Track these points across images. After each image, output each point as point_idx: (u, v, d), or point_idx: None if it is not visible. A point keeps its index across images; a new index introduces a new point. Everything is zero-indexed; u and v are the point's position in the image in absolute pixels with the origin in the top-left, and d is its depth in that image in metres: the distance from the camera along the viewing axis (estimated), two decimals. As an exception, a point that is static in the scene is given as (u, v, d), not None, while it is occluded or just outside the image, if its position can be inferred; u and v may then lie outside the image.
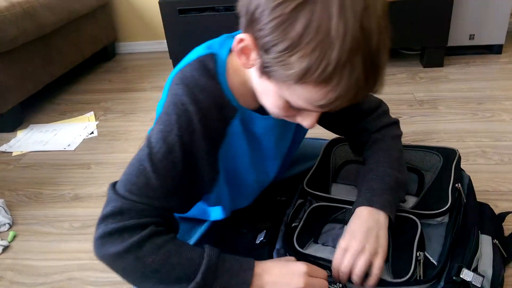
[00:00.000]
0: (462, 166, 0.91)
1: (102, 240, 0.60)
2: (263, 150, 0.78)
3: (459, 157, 0.88)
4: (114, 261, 0.60)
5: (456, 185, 0.81)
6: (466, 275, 0.65)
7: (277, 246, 0.77)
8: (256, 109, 0.70)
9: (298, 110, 0.60)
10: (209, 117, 0.64)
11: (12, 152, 1.58)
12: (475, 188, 0.89)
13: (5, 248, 1.09)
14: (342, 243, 0.69)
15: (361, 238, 0.68)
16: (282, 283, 0.63)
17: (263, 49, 0.52)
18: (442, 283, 0.66)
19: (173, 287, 0.60)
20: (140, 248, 0.58)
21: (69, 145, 1.59)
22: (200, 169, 0.66)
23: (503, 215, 0.94)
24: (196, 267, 0.60)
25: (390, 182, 0.75)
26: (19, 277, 1.00)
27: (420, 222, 0.75)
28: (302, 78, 0.50)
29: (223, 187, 0.75)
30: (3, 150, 1.59)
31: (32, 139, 1.66)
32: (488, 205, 0.91)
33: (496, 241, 0.79)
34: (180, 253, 0.60)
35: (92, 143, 1.60)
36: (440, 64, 1.99)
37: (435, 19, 1.87)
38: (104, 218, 0.61)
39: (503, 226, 0.93)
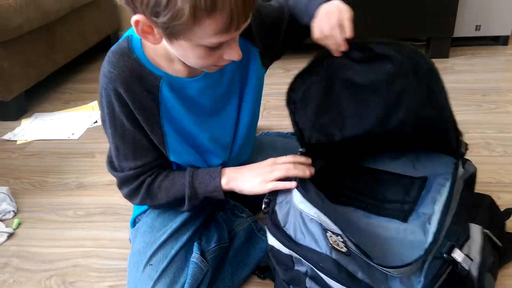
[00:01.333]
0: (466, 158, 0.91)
1: (127, 198, 0.86)
2: (203, 109, 0.83)
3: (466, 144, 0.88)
4: (141, 204, 0.86)
5: (460, 137, 0.80)
6: (458, 255, 0.65)
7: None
8: (188, 75, 0.78)
9: (219, 49, 0.66)
10: (132, 89, 0.74)
11: (16, 141, 1.58)
12: (478, 180, 0.89)
13: (10, 235, 1.10)
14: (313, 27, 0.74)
15: (321, 16, 0.73)
16: (251, 174, 0.80)
17: (155, 16, 0.58)
18: (430, 258, 0.66)
19: (180, 203, 0.84)
20: (148, 195, 0.83)
21: (73, 134, 1.59)
22: (148, 133, 0.79)
23: (511, 211, 0.93)
24: (183, 192, 0.81)
25: None
26: (24, 264, 1.01)
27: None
28: (195, 17, 0.57)
29: (180, 147, 0.83)
30: (8, 138, 1.60)
31: (36, 128, 1.67)
32: (490, 196, 0.91)
33: (487, 231, 0.78)
34: (174, 185, 0.82)
35: (96, 132, 1.60)
36: (445, 55, 1.97)
37: (441, 10, 1.86)
38: (118, 186, 0.85)
39: (511, 220, 0.93)
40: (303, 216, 0.74)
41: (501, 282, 0.85)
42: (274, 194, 0.81)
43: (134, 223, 0.96)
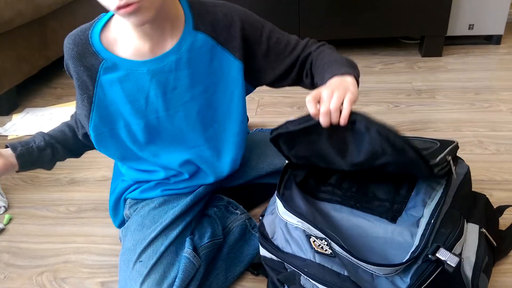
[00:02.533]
0: (458, 155, 0.92)
1: None
2: (154, 99, 0.81)
3: (457, 145, 0.88)
4: None
5: (448, 157, 0.79)
6: (442, 254, 0.64)
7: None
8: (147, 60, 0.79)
9: None
10: (72, 62, 0.79)
11: (7, 136, 1.57)
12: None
13: (1, 231, 1.09)
14: (311, 94, 0.67)
15: (329, 87, 0.68)
16: None
17: None
18: (419, 262, 0.66)
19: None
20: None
21: (65, 129, 1.58)
22: (78, 104, 0.82)
23: (502, 208, 0.94)
24: None
25: (345, 62, 0.78)
26: (14, 260, 1.00)
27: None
28: None
29: (102, 134, 0.84)
30: (-1, 133, 1.58)
31: (27, 123, 1.65)
32: (485, 195, 0.91)
33: (484, 230, 0.79)
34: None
35: (89, 127, 1.59)
36: (438, 54, 1.98)
37: (434, 8, 1.86)
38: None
39: (503, 217, 0.93)
40: (288, 225, 0.75)
41: (495, 279, 0.85)
42: (265, 210, 0.82)
43: (120, 218, 0.96)
